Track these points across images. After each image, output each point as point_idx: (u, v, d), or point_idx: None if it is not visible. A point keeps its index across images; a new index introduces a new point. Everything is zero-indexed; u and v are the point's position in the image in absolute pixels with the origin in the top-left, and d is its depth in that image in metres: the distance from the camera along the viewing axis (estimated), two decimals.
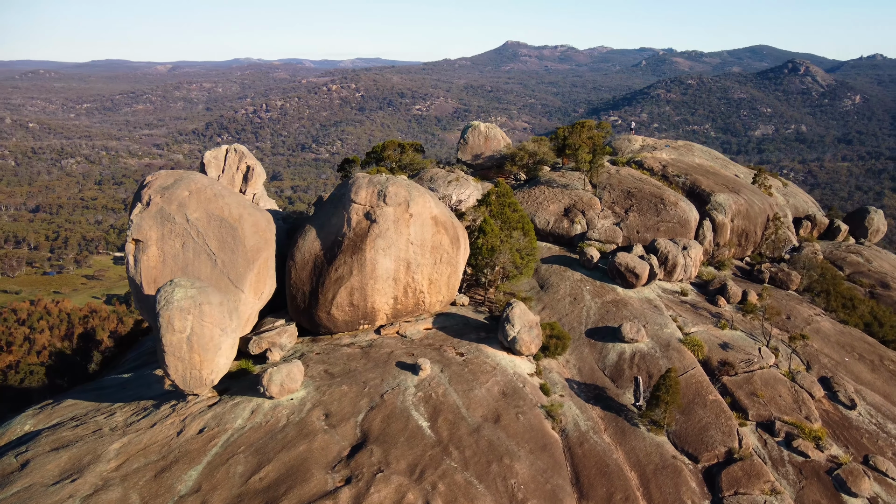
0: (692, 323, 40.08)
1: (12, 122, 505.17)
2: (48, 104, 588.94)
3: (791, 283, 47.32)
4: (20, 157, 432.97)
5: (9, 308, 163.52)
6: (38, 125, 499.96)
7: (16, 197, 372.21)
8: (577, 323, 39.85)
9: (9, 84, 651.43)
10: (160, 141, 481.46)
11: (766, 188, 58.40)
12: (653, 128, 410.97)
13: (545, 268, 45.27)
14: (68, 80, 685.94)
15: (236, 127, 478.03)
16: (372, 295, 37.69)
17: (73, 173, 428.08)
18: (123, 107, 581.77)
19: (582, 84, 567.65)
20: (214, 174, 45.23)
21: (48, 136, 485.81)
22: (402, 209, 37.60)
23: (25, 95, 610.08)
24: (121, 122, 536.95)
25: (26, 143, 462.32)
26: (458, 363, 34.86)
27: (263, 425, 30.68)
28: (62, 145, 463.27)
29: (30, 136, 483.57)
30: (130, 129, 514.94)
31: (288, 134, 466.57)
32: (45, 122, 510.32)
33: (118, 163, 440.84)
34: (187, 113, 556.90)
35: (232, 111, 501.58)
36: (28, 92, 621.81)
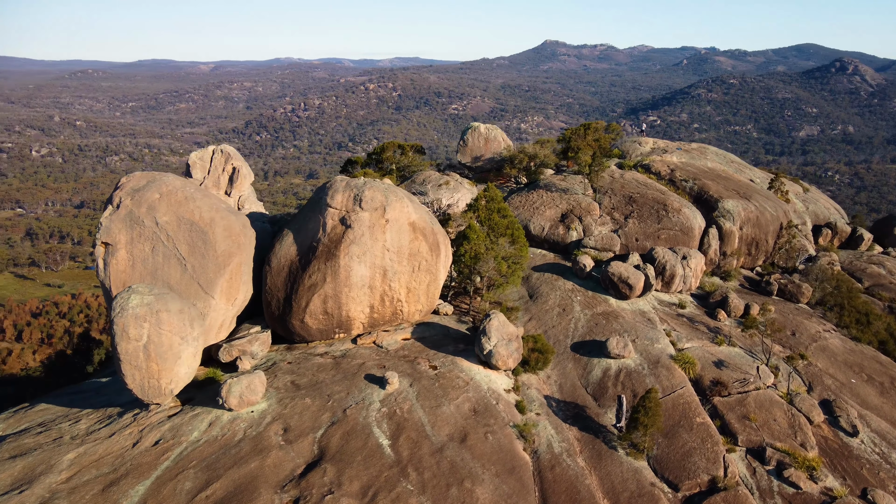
0: (687, 338, 37.77)
1: (61, 119, 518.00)
2: (95, 103, 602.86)
3: (801, 295, 44.53)
4: (67, 154, 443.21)
5: (51, 301, 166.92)
6: (84, 123, 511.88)
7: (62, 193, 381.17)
8: (564, 336, 37.87)
9: (59, 83, 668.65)
10: (201, 139, 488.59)
11: (783, 194, 55.40)
12: (693, 128, 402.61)
13: (536, 276, 43.32)
14: (115, 80, 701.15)
15: (275, 125, 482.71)
16: (346, 303, 36.30)
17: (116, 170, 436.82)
18: (167, 105, 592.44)
19: (621, 83, 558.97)
20: (200, 175, 44.34)
21: (94, 134, 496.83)
22: (379, 214, 36.12)
23: (74, 94, 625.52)
24: (164, 121, 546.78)
25: (73, 141, 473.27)
26: (429, 377, 33.24)
27: (219, 439, 29.51)
28: (107, 143, 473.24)
29: (77, 134, 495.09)
30: (173, 128, 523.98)
31: (325, 133, 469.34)
32: (92, 120, 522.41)
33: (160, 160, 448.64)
34: (228, 111, 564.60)
35: (271, 110, 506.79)
36: (77, 91, 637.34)
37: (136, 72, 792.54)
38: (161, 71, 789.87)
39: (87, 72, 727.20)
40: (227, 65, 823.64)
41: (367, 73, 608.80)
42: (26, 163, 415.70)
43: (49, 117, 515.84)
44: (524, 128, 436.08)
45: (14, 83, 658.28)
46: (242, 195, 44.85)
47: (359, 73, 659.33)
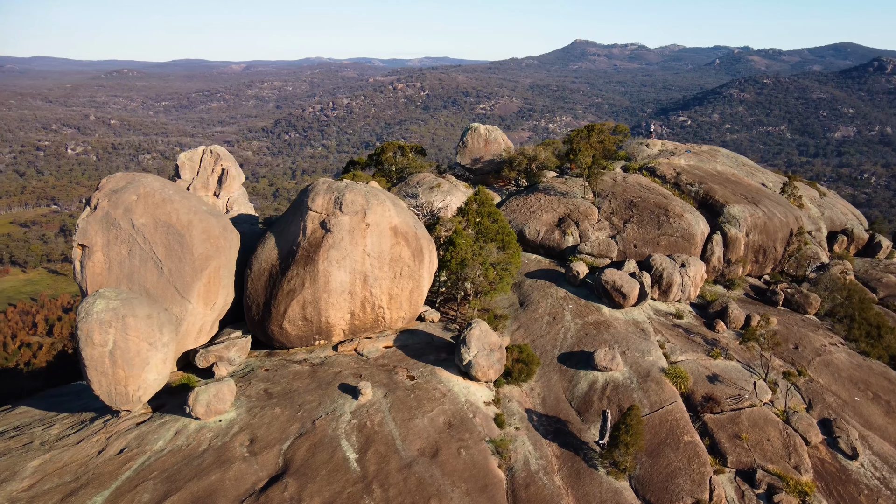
0: (681, 350, 36.07)
1: (96, 118, 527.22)
2: (130, 102, 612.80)
3: (809, 306, 42.45)
4: (101, 152, 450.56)
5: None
6: (119, 122, 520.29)
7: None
8: (552, 346, 36.43)
9: (95, 83, 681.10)
10: (231, 138, 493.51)
11: (796, 198, 53.13)
12: (724, 128, 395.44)
13: (529, 283, 41.89)
14: (149, 79, 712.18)
15: (303, 125, 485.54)
16: (326, 309, 35.30)
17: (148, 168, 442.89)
18: (199, 104, 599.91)
19: (651, 83, 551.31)
20: (189, 176, 43.76)
21: (128, 133, 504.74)
22: (359, 218, 35.05)
23: (109, 94, 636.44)
24: (195, 120, 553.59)
25: (107, 139, 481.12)
26: (405, 388, 32.08)
27: (183, 449, 28.68)
28: (140, 141, 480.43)
29: (111, 133, 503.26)
30: (204, 127, 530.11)
31: (353, 132, 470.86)
32: (126, 118, 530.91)
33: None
34: (258, 111, 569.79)
35: (300, 109, 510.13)
36: (112, 90, 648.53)
37: (169, 71, 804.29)
38: (194, 71, 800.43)
39: (122, 71, 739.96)
40: (258, 64, 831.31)
41: (395, 73, 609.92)
42: (62, 160, 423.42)
43: (85, 116, 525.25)
44: (552, 128, 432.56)
45: (52, 83, 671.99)
46: (232, 196, 44.14)
47: (387, 72, 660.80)
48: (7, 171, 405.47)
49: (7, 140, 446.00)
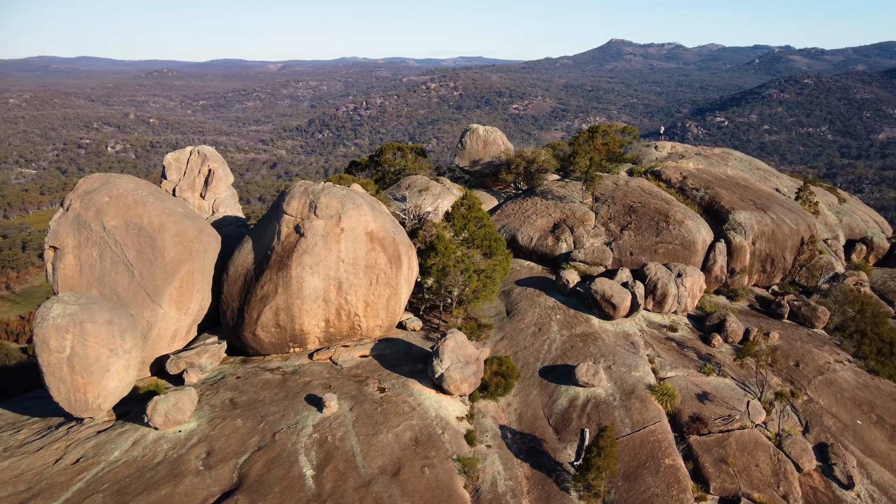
0: (671, 366, 34.11)
1: (135, 117, 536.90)
2: (168, 101, 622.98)
3: (816, 320, 40.01)
4: (139, 150, 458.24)
5: None
6: (157, 121, 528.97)
7: None
8: (534, 358, 34.76)
9: (135, 82, 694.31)
10: (266, 137, 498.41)
11: (811, 204, 50.45)
12: (762, 129, 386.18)
13: (518, 291, 40.24)
14: (188, 79, 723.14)
15: (337, 124, 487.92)
16: (300, 316, 34.17)
17: None
18: (235, 104, 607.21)
19: (688, 83, 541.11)
20: (175, 177, 43.08)
21: (166, 131, 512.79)
22: (333, 223, 33.84)
23: (149, 93, 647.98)
24: (231, 119, 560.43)
25: (146, 138, 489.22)
26: (373, 401, 30.76)
27: (138, 460, 27.79)
28: (177, 140, 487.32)
29: (150, 131, 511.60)
30: (240, 125, 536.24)
31: (386, 131, 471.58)
32: (164, 117, 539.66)
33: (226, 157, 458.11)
34: (293, 110, 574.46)
35: (333, 108, 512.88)
36: (152, 90, 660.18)
37: (208, 71, 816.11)
38: (231, 70, 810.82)
39: (162, 71, 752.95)
40: (294, 64, 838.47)
41: (429, 73, 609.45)
42: (102, 158, 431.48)
43: (125, 115, 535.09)
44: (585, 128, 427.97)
45: (95, 82, 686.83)
46: (218, 198, 43.33)
47: (421, 72, 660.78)
48: (50, 168, 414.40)
49: (50, 138, 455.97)
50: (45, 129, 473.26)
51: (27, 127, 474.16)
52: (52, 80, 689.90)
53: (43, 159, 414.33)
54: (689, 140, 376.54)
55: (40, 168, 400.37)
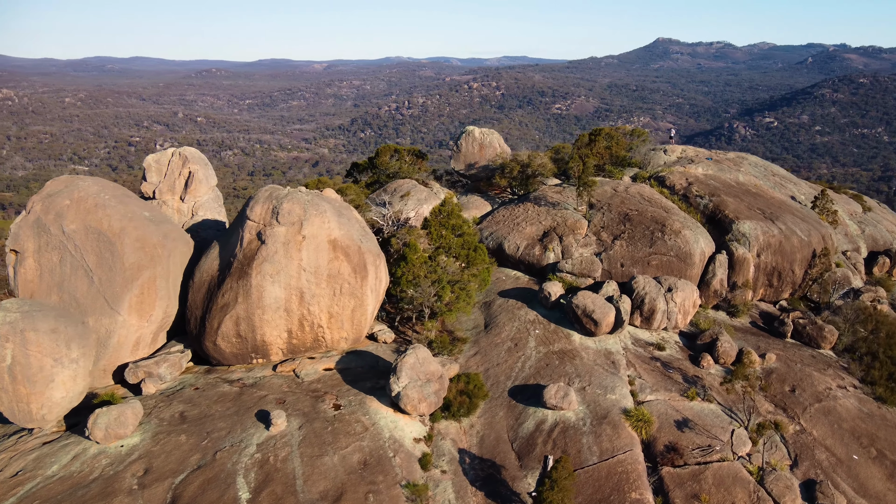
0: (652, 388, 31.67)
1: (184, 116, 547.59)
2: (216, 100, 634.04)
3: (822, 340, 36.96)
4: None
5: None
6: (205, 119, 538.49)
7: None
8: (506, 377, 32.70)
9: (185, 82, 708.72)
10: (309, 135, 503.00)
11: (829, 213, 47.05)
12: (814, 130, 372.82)
13: (500, 302, 38.16)
14: (235, 78, 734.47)
15: (379, 123, 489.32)
16: (261, 326, 32.79)
17: (229, 164, 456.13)
18: (280, 103, 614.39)
19: (737, 83, 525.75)
20: (156, 179, 42.21)
21: (212, 130, 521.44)
22: (295, 230, 32.36)
23: (198, 92, 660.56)
24: (276, 118, 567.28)
25: (193, 136, 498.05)
26: (325, 419, 29.17)
27: (74, 476, 26.72)
28: (223, 138, 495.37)
29: (197, 130, 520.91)
30: (284, 124, 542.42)
31: (427, 131, 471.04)
32: (212, 116, 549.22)
33: (269, 155, 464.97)
34: (336, 109, 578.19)
35: (376, 108, 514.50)
36: (200, 89, 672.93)
37: (255, 71, 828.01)
38: (278, 70, 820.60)
39: (210, 71, 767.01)
40: (339, 64, 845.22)
41: (472, 72, 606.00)
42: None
43: (174, 114, 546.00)
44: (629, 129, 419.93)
45: (147, 82, 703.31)
46: (198, 201, 42.31)
47: (464, 71, 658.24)
48: (101, 165, 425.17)
49: (103, 136, 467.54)
50: (97, 128, 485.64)
51: (81, 125, 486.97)
52: (107, 79, 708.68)
53: (95, 157, 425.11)
54: (737, 141, 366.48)
55: (92, 165, 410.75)
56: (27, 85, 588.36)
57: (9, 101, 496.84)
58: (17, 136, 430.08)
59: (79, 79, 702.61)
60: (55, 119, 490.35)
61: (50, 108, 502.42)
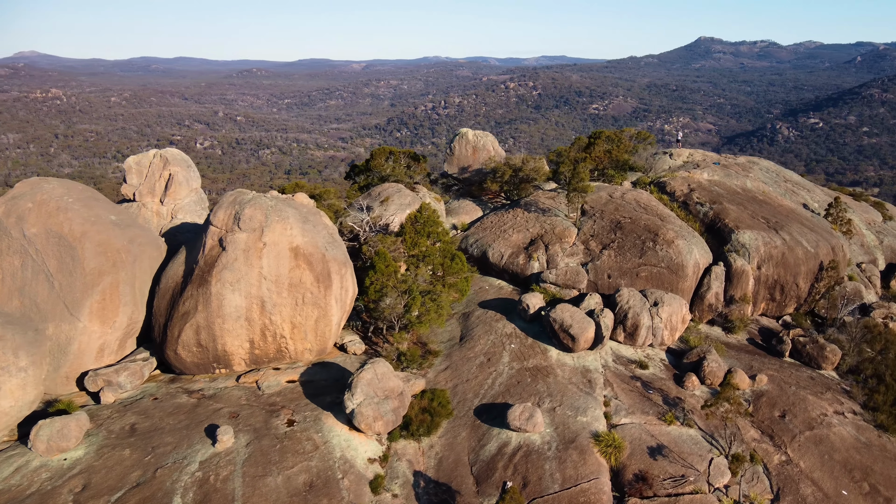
0: (628, 410, 29.60)
1: (224, 115, 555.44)
2: (255, 99, 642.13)
3: (823, 360, 34.35)
4: (226, 147, 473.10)
5: None
6: (244, 118, 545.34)
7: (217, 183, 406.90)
8: (474, 394, 30.94)
9: (226, 81, 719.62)
10: (345, 135, 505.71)
11: (843, 223, 44.08)
12: (861, 132, 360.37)
13: (478, 314, 36.39)
14: (275, 78, 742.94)
15: (415, 122, 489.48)
16: (221, 336, 31.64)
17: (267, 163, 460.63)
18: (318, 102, 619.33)
19: (781, 83, 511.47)
20: (136, 181, 41.47)
21: (251, 129, 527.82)
22: (256, 237, 31.13)
23: (238, 91, 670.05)
24: (314, 117, 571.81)
25: (232, 135, 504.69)
26: (275, 436, 27.82)
27: (12, 489, 25.83)
28: (261, 137, 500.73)
29: (236, 129, 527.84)
30: (321, 123, 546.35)
31: None
32: (251, 115, 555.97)
33: (306, 154, 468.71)
34: (373, 108, 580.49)
35: (412, 107, 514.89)
36: (241, 88, 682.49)
37: (294, 70, 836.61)
38: (317, 70, 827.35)
39: (251, 70, 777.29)
40: (377, 63, 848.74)
41: (509, 72, 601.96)
42: (191, 154, 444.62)
43: (214, 113, 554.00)
44: (668, 129, 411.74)
45: (189, 82, 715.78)
46: (178, 203, 41.43)
47: (502, 71, 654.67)
48: None
49: (146, 135, 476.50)
50: (141, 126, 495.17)
51: (125, 124, 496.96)
52: (152, 79, 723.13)
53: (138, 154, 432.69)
54: (779, 143, 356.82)
55: None
56: (76, 85, 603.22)
57: (57, 100, 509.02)
58: (64, 135, 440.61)
59: (125, 78, 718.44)
60: (101, 118, 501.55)
61: (96, 108, 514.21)
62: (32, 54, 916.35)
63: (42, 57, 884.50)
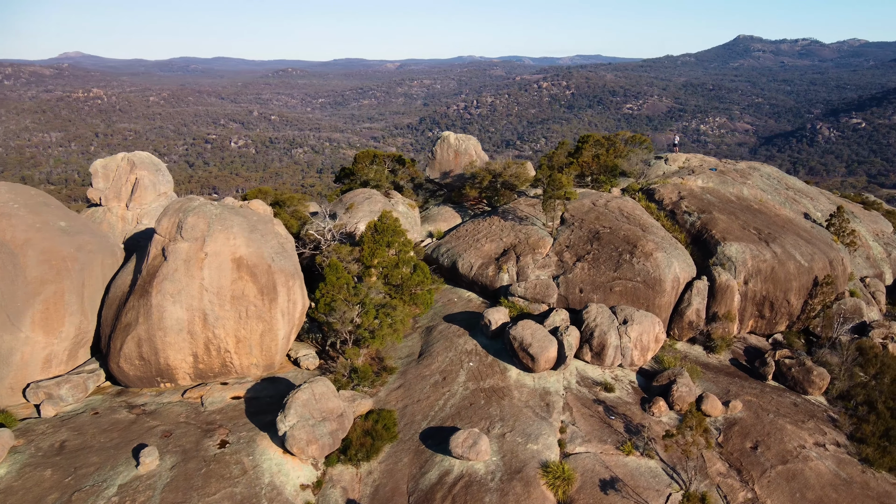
0: (585, 438, 27.44)
1: (258, 114, 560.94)
2: (290, 99, 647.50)
3: (810, 384, 31.65)
4: (259, 145, 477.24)
5: None
6: (278, 118, 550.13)
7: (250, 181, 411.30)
8: (423, 416, 29.06)
9: (262, 81, 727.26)
10: (377, 134, 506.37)
11: (847, 234, 41.03)
12: None
13: (442, 328, 34.46)
14: (310, 78, 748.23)
15: (447, 122, 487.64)
16: (164, 349, 30.31)
17: (299, 161, 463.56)
18: (351, 102, 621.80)
19: (823, 82, 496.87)
20: (102, 185, 40.50)
21: (285, 128, 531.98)
22: (197, 246, 29.72)
23: (273, 91, 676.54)
24: (347, 116, 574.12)
25: (266, 134, 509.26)
26: (203, 458, 26.34)
27: None
28: (294, 136, 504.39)
29: (270, 128, 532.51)
30: (354, 123, 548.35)
31: (495, 130, 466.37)
32: (285, 114, 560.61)
33: (338, 153, 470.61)
34: (406, 108, 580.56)
35: (444, 107, 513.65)
36: (276, 88, 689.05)
37: (329, 70, 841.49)
38: (352, 69, 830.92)
39: (286, 70, 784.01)
40: (411, 63, 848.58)
41: (543, 72, 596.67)
42: (225, 153, 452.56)
43: (249, 112, 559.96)
44: (703, 129, 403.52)
45: (227, 81, 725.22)
46: (144, 209, 40.32)
47: (535, 71, 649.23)
48: (179, 161, 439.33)
49: (182, 133, 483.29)
50: (178, 125, 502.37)
51: (163, 123, 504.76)
52: (190, 79, 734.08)
53: (174, 153, 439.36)
54: (819, 143, 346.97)
55: (171, 161, 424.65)
56: (117, 84, 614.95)
57: (98, 99, 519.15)
58: (104, 133, 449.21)
59: (164, 78, 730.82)
60: (140, 117, 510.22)
61: (135, 107, 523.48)
62: (77, 55, 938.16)
63: (86, 57, 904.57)
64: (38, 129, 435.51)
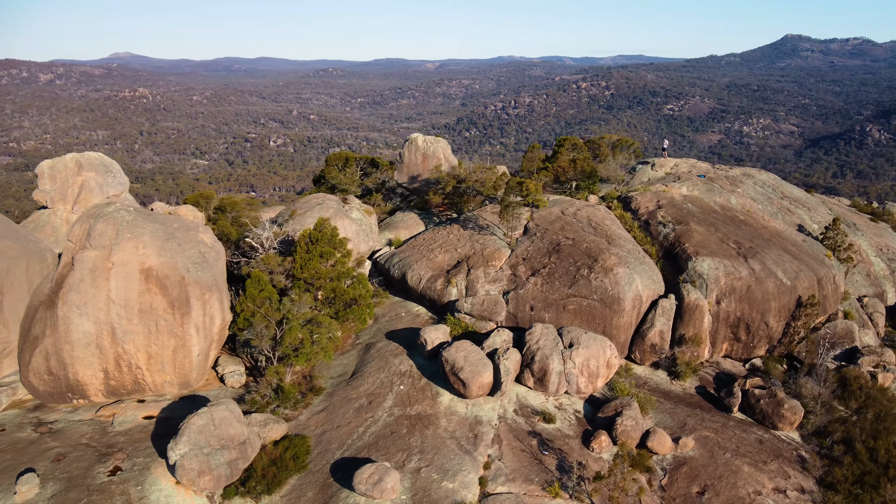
0: (509, 476, 24.59)
1: (298, 113, 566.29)
2: (329, 98, 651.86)
3: (780, 419, 28.17)
4: (298, 144, 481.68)
5: None
6: (317, 117, 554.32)
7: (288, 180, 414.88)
8: (339, 444, 26.55)
9: (303, 81, 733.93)
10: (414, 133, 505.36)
11: (843, 248, 37.15)
12: None
13: (380, 346, 31.86)
14: (350, 77, 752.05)
15: (484, 122, 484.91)
16: (72, 364, 28.44)
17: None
18: (390, 101, 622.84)
19: (874, 82, 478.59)
20: (48, 187, 38.98)
21: (323, 127, 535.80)
22: (104, 255, 27.73)
23: (313, 90, 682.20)
24: (385, 116, 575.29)
25: (305, 133, 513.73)
26: (88, 487, 24.31)
27: None
28: (332, 135, 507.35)
29: (309, 127, 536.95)
30: (392, 122, 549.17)
31: (532, 131, 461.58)
32: (324, 114, 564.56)
33: (375, 152, 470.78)
34: (444, 108, 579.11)
35: (482, 107, 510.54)
36: (316, 87, 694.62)
37: (369, 70, 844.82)
38: (391, 69, 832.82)
39: (327, 70, 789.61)
40: (451, 63, 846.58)
41: (583, 72, 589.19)
42: (264, 152, 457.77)
43: (289, 111, 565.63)
44: (746, 130, 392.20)
45: (268, 81, 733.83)
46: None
47: (575, 71, 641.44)
48: (220, 160, 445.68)
49: (223, 132, 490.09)
50: (219, 124, 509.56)
51: (205, 122, 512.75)
52: (233, 79, 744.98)
53: (215, 151, 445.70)
54: (869, 146, 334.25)
55: (212, 160, 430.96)
56: (162, 84, 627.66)
57: (143, 98, 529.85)
58: (148, 132, 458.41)
59: (208, 78, 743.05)
60: (183, 116, 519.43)
61: (179, 106, 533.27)
62: (126, 55, 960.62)
63: (134, 58, 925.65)
64: (86, 127, 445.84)
